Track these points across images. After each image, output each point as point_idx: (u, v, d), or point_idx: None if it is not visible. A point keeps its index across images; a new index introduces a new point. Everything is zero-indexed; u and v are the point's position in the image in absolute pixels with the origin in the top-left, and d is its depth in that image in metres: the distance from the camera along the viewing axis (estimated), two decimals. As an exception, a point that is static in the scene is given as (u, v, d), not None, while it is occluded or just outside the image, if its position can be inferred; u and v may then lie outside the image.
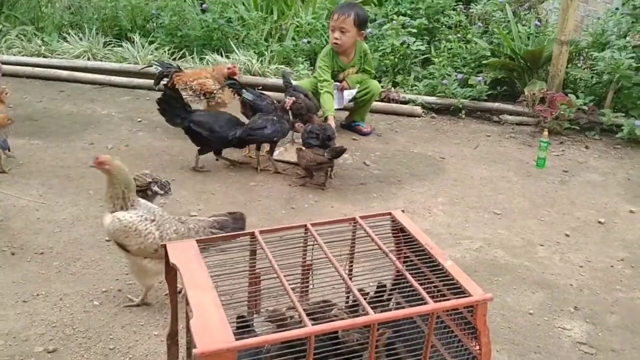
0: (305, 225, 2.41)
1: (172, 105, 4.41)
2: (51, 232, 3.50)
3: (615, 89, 5.59)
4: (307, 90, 4.96)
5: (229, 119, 4.48)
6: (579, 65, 6.17)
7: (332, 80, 5.18)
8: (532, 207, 4.22)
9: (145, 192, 3.40)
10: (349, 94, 5.23)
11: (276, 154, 4.59)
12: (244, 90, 4.69)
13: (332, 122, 4.88)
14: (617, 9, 6.31)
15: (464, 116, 5.78)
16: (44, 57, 6.31)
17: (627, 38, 5.80)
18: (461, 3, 6.85)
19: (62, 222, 3.61)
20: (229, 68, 4.87)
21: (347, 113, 5.43)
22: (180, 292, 2.56)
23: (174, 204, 3.88)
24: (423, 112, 5.79)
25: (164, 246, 2.19)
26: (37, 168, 4.25)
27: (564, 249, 3.73)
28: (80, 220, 3.64)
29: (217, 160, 4.53)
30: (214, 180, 4.29)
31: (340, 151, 4.27)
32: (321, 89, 5.11)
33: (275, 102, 4.69)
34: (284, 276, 2.11)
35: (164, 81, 5.01)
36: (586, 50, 6.10)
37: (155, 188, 3.44)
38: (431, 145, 5.15)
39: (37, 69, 6.08)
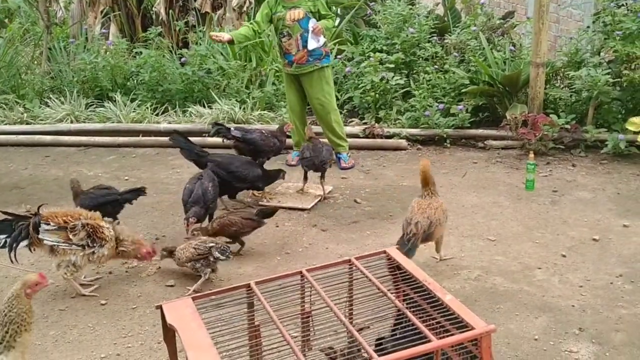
0: (301, 272, 2.39)
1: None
2: (45, 300, 3.45)
3: (595, 105, 5.65)
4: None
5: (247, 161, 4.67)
6: (557, 85, 6.24)
7: (264, 27, 5.22)
8: (526, 230, 4.21)
9: (207, 258, 3.52)
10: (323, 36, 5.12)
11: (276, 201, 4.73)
12: (231, 130, 4.80)
13: (226, 37, 5.03)
14: (588, 27, 6.42)
15: (449, 145, 5.82)
16: (27, 123, 6.32)
17: (601, 54, 5.89)
18: (435, 35, 6.94)
19: (56, 290, 3.55)
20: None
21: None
22: None
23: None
24: (408, 144, 5.82)
25: (160, 307, 2.16)
26: (27, 236, 4.20)
27: (562, 269, 3.72)
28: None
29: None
30: (206, 232, 4.26)
31: (272, 212, 4.10)
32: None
33: (263, 131, 4.91)
34: (284, 326, 2.08)
35: None
36: (562, 70, 6.18)
37: (217, 253, 3.53)
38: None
39: (20, 136, 6.08)
